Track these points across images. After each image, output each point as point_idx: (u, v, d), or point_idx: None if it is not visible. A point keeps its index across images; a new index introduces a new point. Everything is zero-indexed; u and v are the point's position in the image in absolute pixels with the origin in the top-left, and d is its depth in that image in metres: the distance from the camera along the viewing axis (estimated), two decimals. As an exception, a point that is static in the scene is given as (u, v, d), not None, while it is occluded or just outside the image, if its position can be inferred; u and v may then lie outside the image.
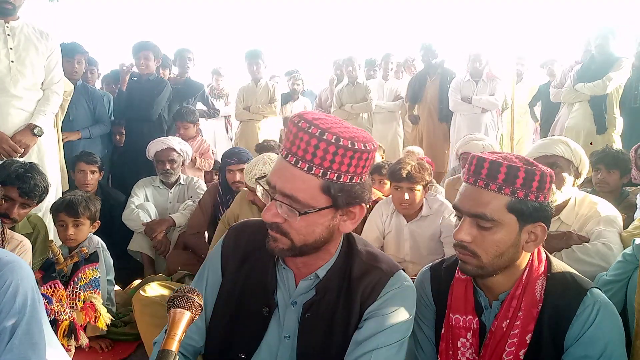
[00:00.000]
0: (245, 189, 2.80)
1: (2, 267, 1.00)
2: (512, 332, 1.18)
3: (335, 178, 1.00)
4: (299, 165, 0.99)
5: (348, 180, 1.02)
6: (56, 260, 2.08)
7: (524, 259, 1.21)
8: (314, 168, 0.99)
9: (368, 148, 1.01)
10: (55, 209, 2.41)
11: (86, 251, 2.14)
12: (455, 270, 1.30)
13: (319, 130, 0.98)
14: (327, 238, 1.10)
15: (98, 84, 4.86)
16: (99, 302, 2.07)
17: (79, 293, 2.06)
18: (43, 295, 1.92)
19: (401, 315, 1.15)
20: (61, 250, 2.24)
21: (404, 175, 2.51)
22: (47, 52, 2.89)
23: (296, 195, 1.01)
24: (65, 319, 1.96)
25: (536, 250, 1.23)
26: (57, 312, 1.96)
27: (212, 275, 1.25)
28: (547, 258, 1.25)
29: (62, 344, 1.88)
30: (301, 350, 1.15)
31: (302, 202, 1.01)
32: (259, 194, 1.11)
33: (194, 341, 1.23)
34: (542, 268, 1.21)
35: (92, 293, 2.07)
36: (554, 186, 2.00)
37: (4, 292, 0.98)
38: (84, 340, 1.98)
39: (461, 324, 1.26)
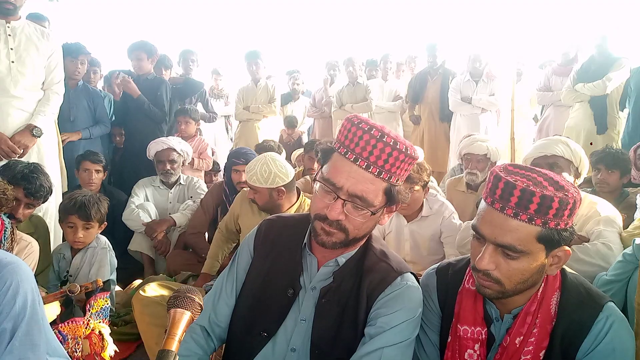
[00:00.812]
0: (246, 188, 2.80)
1: (2, 269, 1.00)
2: (525, 349, 1.15)
3: (395, 181, 1.13)
4: (370, 170, 1.09)
5: (401, 182, 1.15)
6: (76, 299, 2.06)
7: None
8: (383, 173, 1.10)
9: (418, 155, 1.14)
10: (66, 211, 2.38)
11: (101, 283, 2.13)
12: (464, 278, 1.28)
13: (392, 140, 1.08)
14: (371, 231, 1.23)
15: (100, 84, 4.85)
16: (107, 331, 2.06)
17: (89, 321, 2.05)
18: (59, 332, 1.90)
19: (408, 314, 1.19)
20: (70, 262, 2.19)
21: None
22: (48, 52, 2.88)
23: (366, 197, 1.10)
24: (79, 355, 1.95)
25: None
26: (72, 348, 1.94)
27: (244, 257, 1.35)
28: (562, 270, 1.21)
29: None
30: (316, 333, 1.21)
31: (370, 202, 1.11)
32: (316, 191, 1.17)
33: (222, 322, 1.31)
34: (557, 282, 1.18)
35: (100, 322, 2.06)
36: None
37: (4, 293, 0.98)
38: None
39: (469, 335, 1.23)
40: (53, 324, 1.94)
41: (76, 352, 1.92)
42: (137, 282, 2.87)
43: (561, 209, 1.03)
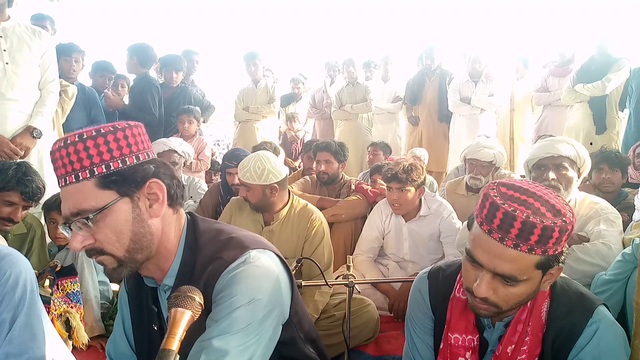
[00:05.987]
0: (234, 197, 2.79)
1: (1, 260, 1.01)
2: (519, 357, 1.14)
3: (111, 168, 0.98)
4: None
5: (122, 166, 0.98)
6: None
7: None
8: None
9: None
10: (48, 207, 2.40)
11: (54, 264, 2.14)
12: (455, 284, 1.27)
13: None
14: (144, 232, 1.03)
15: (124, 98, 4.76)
16: (75, 318, 2.01)
17: (57, 307, 2.03)
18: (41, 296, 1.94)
19: (245, 297, 1.04)
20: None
21: (390, 175, 2.55)
22: (41, 51, 2.83)
23: (83, 207, 0.96)
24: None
25: None
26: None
27: (124, 310, 1.32)
28: None
29: None
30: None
31: (87, 209, 0.96)
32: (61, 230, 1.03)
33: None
34: (547, 290, 1.17)
35: (70, 308, 2.03)
36: (562, 187, 2.01)
37: (4, 284, 0.99)
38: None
39: (460, 343, 1.22)
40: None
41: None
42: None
43: (561, 236, 1.02)
